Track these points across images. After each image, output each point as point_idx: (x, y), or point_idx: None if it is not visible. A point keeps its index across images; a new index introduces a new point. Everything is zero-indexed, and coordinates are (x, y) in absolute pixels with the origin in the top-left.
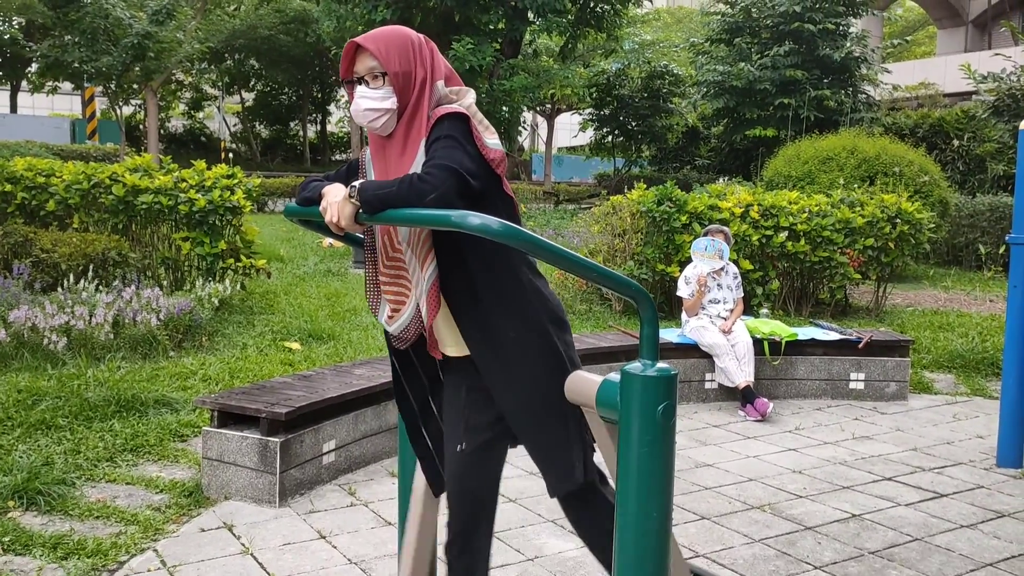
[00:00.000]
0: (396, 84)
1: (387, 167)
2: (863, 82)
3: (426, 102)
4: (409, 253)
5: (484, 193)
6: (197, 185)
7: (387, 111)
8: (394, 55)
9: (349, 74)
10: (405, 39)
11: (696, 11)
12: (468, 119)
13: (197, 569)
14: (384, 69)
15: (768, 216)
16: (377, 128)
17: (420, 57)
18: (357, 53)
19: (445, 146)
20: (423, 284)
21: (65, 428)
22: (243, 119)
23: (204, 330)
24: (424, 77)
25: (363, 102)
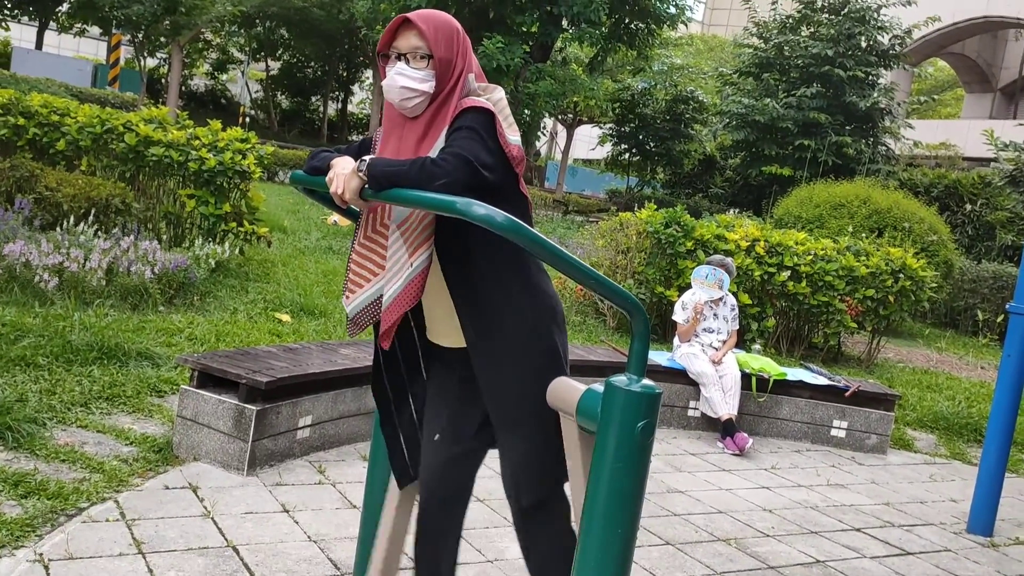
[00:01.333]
0: (438, 69)
1: (402, 147)
2: (885, 134)
3: (458, 92)
4: (396, 235)
5: (499, 188)
6: (210, 144)
7: (423, 93)
8: (442, 40)
9: (388, 48)
10: (453, 26)
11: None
12: (494, 115)
13: (155, 526)
14: (430, 52)
15: (773, 253)
16: (407, 108)
17: (462, 47)
18: (402, 29)
19: (465, 136)
20: (406, 271)
21: (44, 368)
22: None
23: (197, 289)
24: (462, 68)
25: (401, 79)
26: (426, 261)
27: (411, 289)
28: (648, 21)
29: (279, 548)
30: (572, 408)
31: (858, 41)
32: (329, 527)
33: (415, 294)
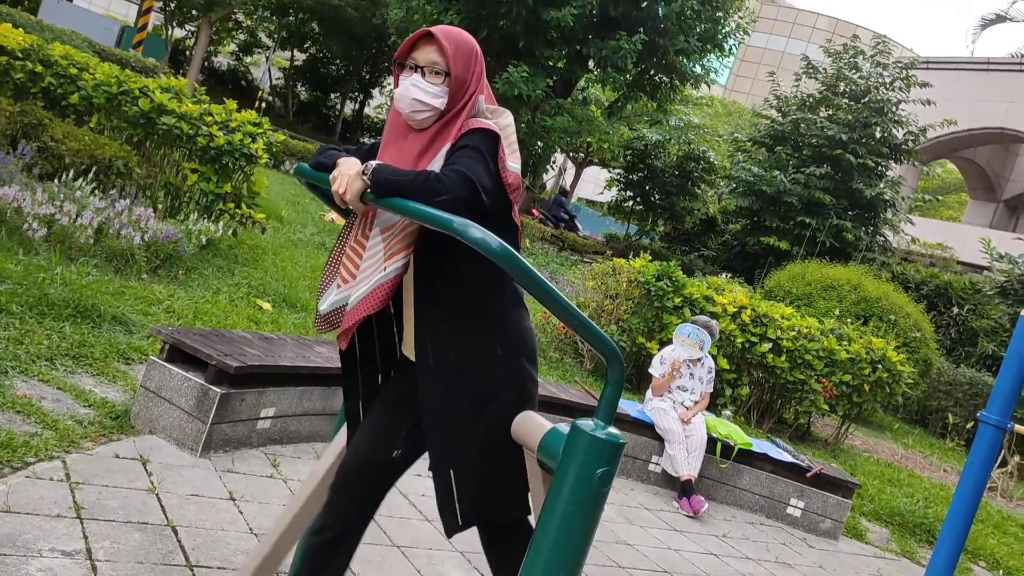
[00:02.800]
0: (452, 87)
1: (401, 156)
2: (885, 225)
3: (466, 112)
4: (378, 239)
5: (492, 213)
6: (222, 123)
7: (434, 109)
8: (461, 59)
9: (406, 58)
10: (472, 47)
11: (748, 109)
12: (499, 139)
13: (98, 492)
14: (448, 69)
15: (758, 324)
16: (415, 120)
17: (477, 69)
18: (423, 42)
19: (469, 156)
20: (377, 275)
21: (16, 316)
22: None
23: (183, 264)
24: (475, 89)
25: (414, 91)
26: (400, 269)
27: (378, 294)
28: (673, 76)
29: (219, 536)
30: (534, 444)
31: (873, 131)
32: (271, 522)
33: (381, 299)
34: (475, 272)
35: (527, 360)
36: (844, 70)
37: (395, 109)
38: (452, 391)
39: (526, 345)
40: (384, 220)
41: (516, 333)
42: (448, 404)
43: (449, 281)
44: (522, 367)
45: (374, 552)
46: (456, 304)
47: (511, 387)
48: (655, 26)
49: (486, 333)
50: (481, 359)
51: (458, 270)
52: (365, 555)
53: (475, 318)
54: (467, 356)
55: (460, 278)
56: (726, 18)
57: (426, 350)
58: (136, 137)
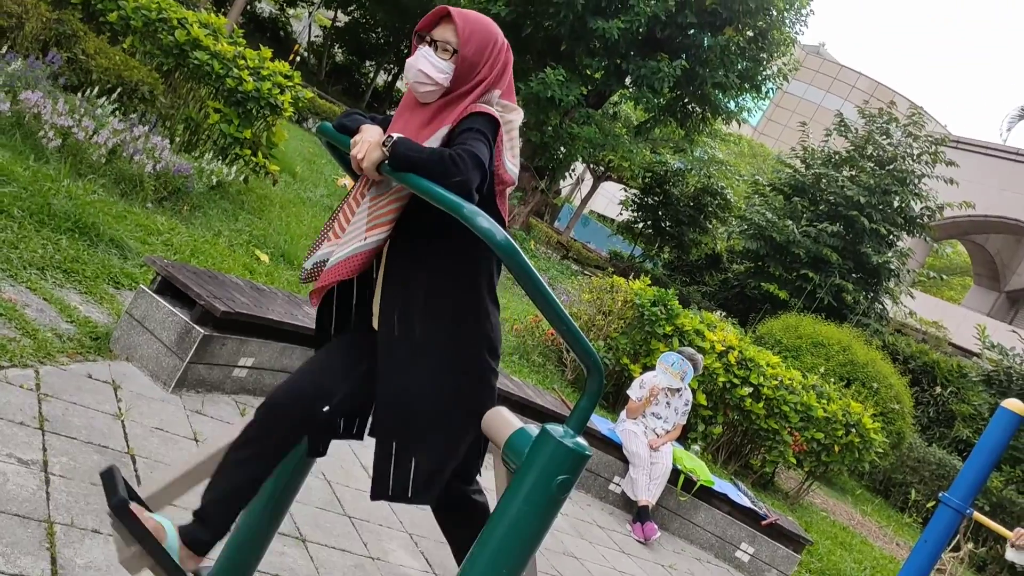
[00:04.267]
0: (458, 67)
1: (407, 129)
2: (886, 293)
3: (472, 97)
4: (365, 207)
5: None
6: (254, 69)
7: (437, 84)
8: (473, 43)
9: (424, 30)
10: (490, 36)
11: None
12: (499, 126)
13: (65, 408)
14: (456, 48)
15: (743, 366)
16: (418, 92)
17: (492, 59)
18: (443, 19)
19: (476, 138)
20: (356, 242)
21: (16, 220)
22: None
23: (190, 200)
24: (485, 78)
25: (421, 62)
26: (377, 242)
27: (353, 261)
28: (705, 108)
29: None
30: (502, 440)
31: (892, 199)
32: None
33: (355, 268)
34: (455, 256)
35: (489, 352)
36: (875, 134)
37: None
38: (412, 366)
39: (491, 338)
40: (376, 190)
41: (484, 324)
42: (404, 377)
43: (427, 259)
44: (484, 357)
45: (324, 518)
46: (429, 284)
47: (471, 374)
48: (698, 55)
49: (455, 317)
50: (446, 341)
51: (438, 250)
52: (315, 519)
53: (447, 300)
54: (433, 336)
55: (439, 258)
56: (769, 60)
57: (392, 322)
58: (166, 67)
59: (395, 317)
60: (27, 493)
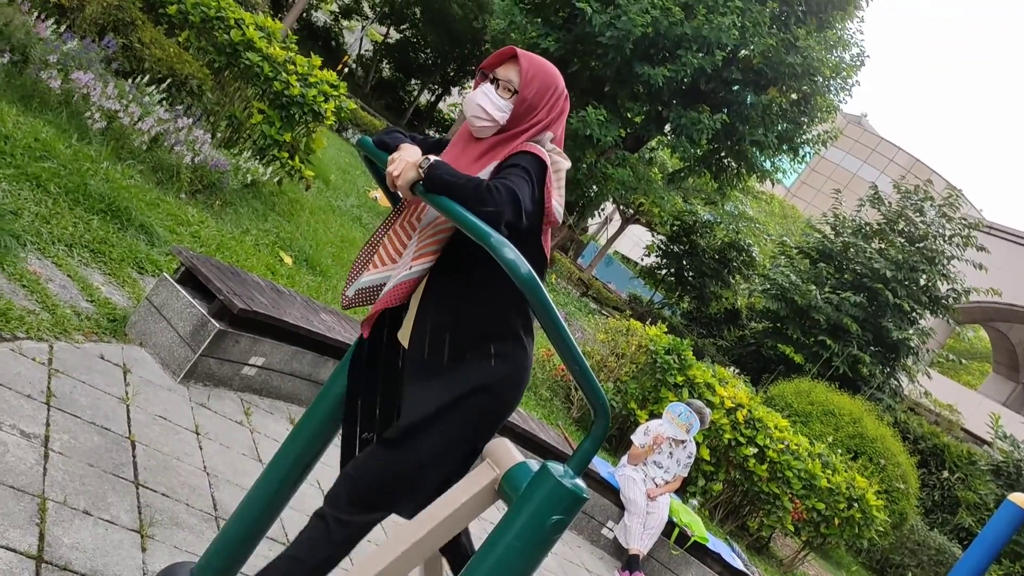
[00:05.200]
0: (517, 107)
1: (459, 160)
2: (902, 370)
3: (525, 137)
4: (416, 237)
5: (524, 235)
6: (302, 75)
7: (493, 121)
8: (535, 86)
9: (489, 68)
10: (552, 82)
11: (804, 218)
12: (547, 167)
13: (73, 386)
14: (518, 89)
15: (750, 426)
16: (475, 127)
17: (551, 104)
18: (509, 59)
19: (519, 175)
20: (403, 272)
21: (51, 195)
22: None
23: (223, 195)
24: (541, 121)
25: (481, 98)
26: (423, 271)
27: (399, 290)
28: (741, 164)
29: (172, 463)
30: (502, 470)
31: (918, 276)
32: (227, 468)
33: (401, 296)
34: (492, 289)
35: (512, 391)
36: (909, 210)
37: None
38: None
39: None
40: (426, 219)
41: (514, 354)
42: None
43: (465, 290)
44: (510, 385)
45: None
46: (465, 308)
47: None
48: (739, 111)
49: (484, 348)
50: (471, 364)
51: (476, 282)
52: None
53: (478, 331)
54: (459, 363)
55: (478, 285)
56: (810, 125)
57: (423, 343)
58: (218, 64)
59: (426, 340)
60: (24, 466)
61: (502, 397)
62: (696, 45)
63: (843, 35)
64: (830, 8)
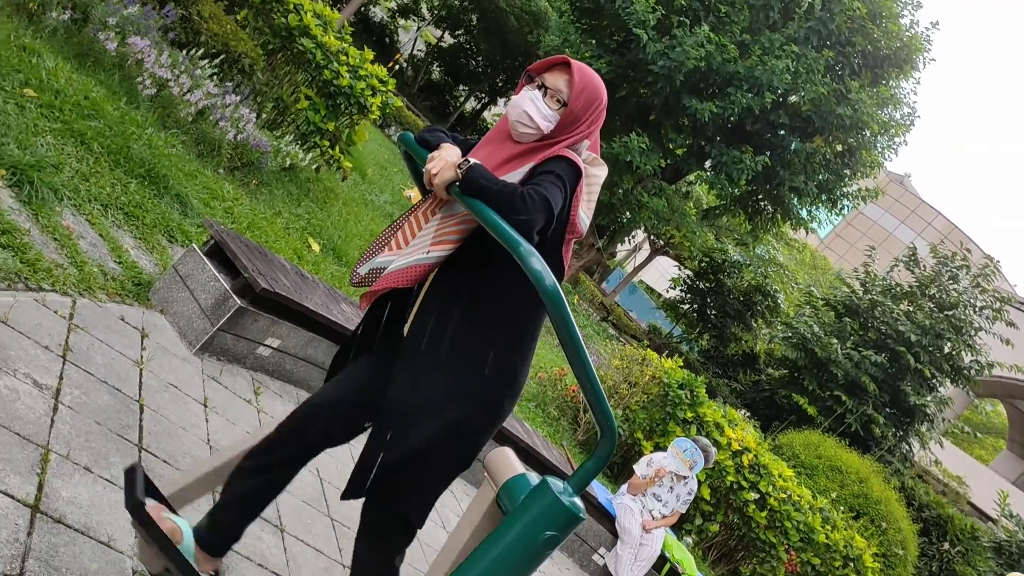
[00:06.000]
0: (563, 118)
1: (491, 158)
2: (915, 436)
3: (563, 144)
4: (435, 222)
5: (546, 242)
6: (353, 67)
7: (537, 129)
8: (583, 99)
9: (538, 74)
10: (599, 94)
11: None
12: (581, 175)
13: (91, 343)
14: (567, 100)
15: (755, 471)
16: (517, 131)
17: (595, 116)
18: (558, 68)
19: (552, 183)
20: (418, 254)
21: (94, 154)
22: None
23: (260, 176)
24: (583, 132)
25: (528, 105)
26: (439, 258)
27: (412, 272)
28: (777, 209)
29: (178, 432)
30: (501, 480)
31: (943, 344)
32: (229, 442)
33: (414, 278)
34: (503, 290)
35: (510, 392)
36: (943, 275)
37: (506, 114)
38: (427, 381)
39: (516, 379)
40: (448, 208)
41: (513, 363)
42: (416, 391)
43: (478, 284)
44: (504, 394)
45: (307, 513)
46: (472, 307)
47: (483, 405)
48: (782, 156)
49: (486, 346)
50: (470, 366)
51: (488, 281)
52: (298, 512)
53: (483, 328)
54: (458, 357)
55: (487, 288)
56: (851, 178)
57: (423, 333)
58: (272, 46)
59: (427, 329)
60: (33, 416)
61: (492, 408)
62: (747, 85)
63: (896, 93)
64: (886, 65)
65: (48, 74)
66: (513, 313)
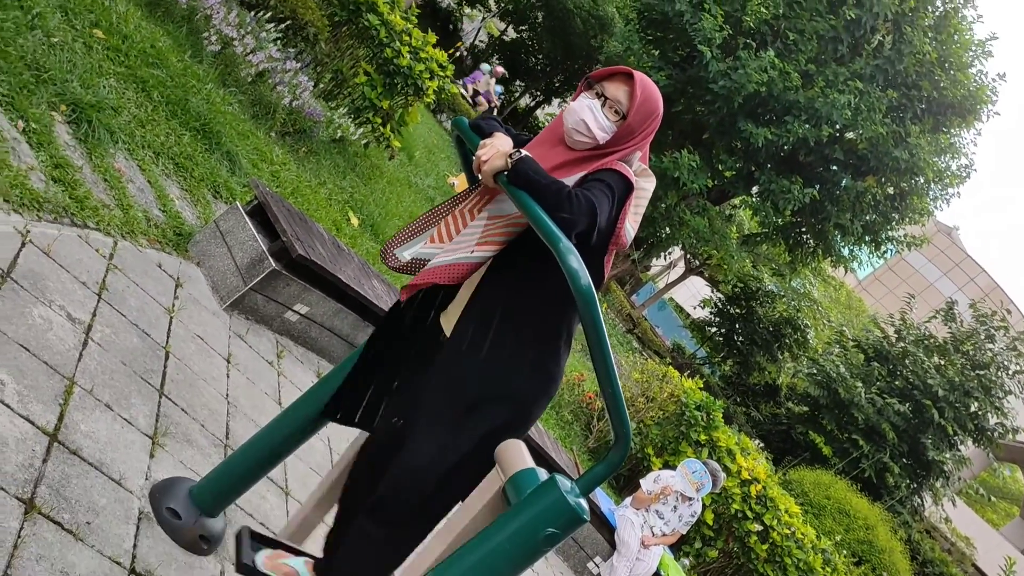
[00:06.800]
0: (620, 131)
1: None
2: (928, 490)
3: (616, 156)
4: (481, 222)
5: (589, 250)
6: (414, 48)
7: (593, 139)
8: (643, 113)
9: (598, 82)
10: (657, 107)
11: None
12: (632, 190)
13: (127, 285)
14: (626, 113)
15: (761, 503)
16: (572, 139)
17: (649, 130)
18: (621, 78)
19: (603, 192)
20: (462, 253)
21: (153, 102)
22: (490, 44)
23: (309, 144)
24: (637, 144)
25: (587, 114)
26: (483, 258)
27: (456, 270)
28: (819, 244)
29: (198, 383)
30: (509, 472)
31: (970, 402)
32: (248, 401)
33: (457, 276)
34: (543, 296)
35: (544, 395)
36: (979, 334)
37: (561, 118)
38: (464, 378)
39: (551, 382)
40: (497, 209)
41: (549, 366)
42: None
43: (523, 285)
44: (538, 397)
45: (313, 480)
46: (513, 309)
47: (515, 406)
48: (831, 191)
49: (525, 347)
50: (508, 367)
51: (534, 283)
52: (304, 478)
53: (524, 330)
54: (498, 358)
55: (534, 288)
56: (899, 222)
57: (465, 333)
58: (338, 18)
59: (469, 331)
60: (63, 347)
61: (526, 411)
62: (806, 115)
63: (956, 142)
64: (949, 112)
65: (119, 18)
66: (552, 318)
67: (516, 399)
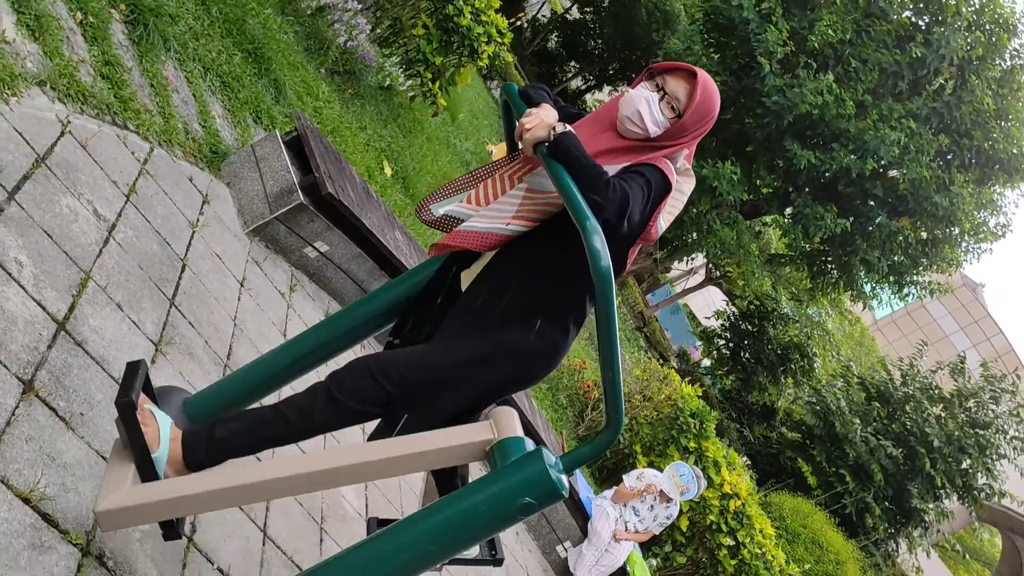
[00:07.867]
0: (673, 128)
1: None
2: (905, 537)
3: (664, 153)
4: (519, 194)
5: (616, 240)
6: (476, 10)
7: (645, 129)
8: (699, 114)
9: (659, 75)
10: (713, 110)
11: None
12: (670, 189)
13: (155, 192)
14: (682, 111)
15: (737, 519)
16: (624, 125)
17: (702, 130)
18: (683, 75)
19: (639, 186)
20: (497, 223)
21: (211, 18)
22: (552, 20)
23: (356, 87)
24: (686, 142)
25: (644, 105)
26: (516, 232)
27: (488, 239)
28: (843, 276)
29: (210, 301)
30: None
31: (963, 459)
32: (254, 327)
33: (487, 245)
34: (569, 277)
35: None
36: (984, 393)
37: (615, 102)
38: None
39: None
40: (538, 182)
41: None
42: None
43: (544, 264)
44: (539, 358)
45: None
46: (533, 282)
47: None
48: (864, 226)
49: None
50: (515, 328)
51: (558, 265)
52: None
53: (537, 301)
54: (512, 317)
55: (554, 270)
56: (927, 268)
57: (479, 294)
58: None
59: (484, 291)
60: (85, 240)
61: (528, 369)
62: (853, 145)
63: (998, 199)
64: (998, 168)
65: None
66: (566, 299)
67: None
